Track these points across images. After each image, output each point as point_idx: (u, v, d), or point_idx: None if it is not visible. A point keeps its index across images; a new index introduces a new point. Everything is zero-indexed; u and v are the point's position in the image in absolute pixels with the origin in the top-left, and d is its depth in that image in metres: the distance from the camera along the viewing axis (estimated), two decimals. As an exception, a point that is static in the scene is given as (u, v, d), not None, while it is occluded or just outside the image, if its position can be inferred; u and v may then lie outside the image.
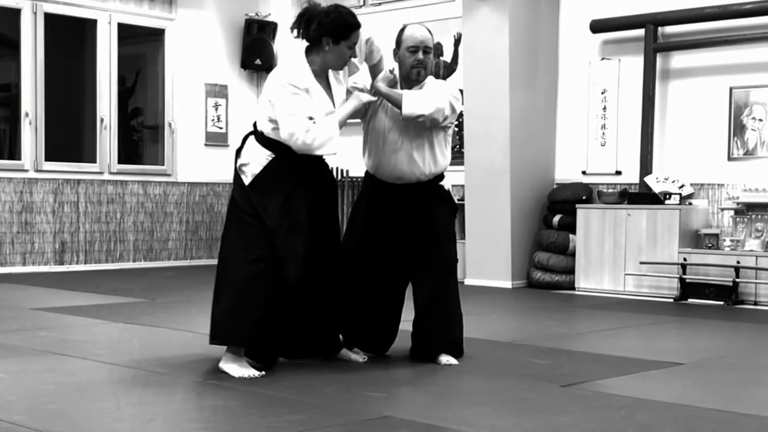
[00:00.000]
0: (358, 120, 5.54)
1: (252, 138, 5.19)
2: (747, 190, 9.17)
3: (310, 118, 5.00)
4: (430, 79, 5.61)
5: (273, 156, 5.09)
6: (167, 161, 12.41)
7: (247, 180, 5.11)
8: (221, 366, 5.10)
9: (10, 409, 4.22)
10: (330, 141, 5.04)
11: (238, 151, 5.24)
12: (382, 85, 5.47)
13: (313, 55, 5.17)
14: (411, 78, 5.52)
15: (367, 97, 5.28)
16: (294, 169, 5.10)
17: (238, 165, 5.21)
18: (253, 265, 5.03)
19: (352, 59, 5.36)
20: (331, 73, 5.26)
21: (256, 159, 5.11)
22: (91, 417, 4.17)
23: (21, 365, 5.31)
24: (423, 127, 5.48)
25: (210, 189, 12.72)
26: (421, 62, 5.51)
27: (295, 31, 5.19)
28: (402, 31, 5.61)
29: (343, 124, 5.16)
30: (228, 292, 5.11)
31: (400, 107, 5.36)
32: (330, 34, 5.11)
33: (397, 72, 5.56)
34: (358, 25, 5.21)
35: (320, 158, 5.25)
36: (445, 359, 5.50)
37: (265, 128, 5.12)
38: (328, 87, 5.22)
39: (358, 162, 5.78)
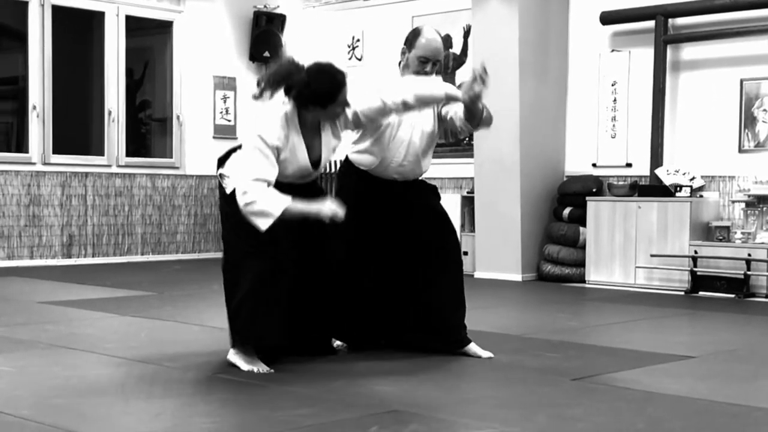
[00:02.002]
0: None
1: (240, 152, 5.07)
2: (758, 182, 9.15)
3: (267, 182, 4.79)
4: None
5: None
6: (175, 154, 12.40)
7: (228, 189, 5.02)
8: (230, 357, 5.07)
9: (18, 403, 4.20)
10: (262, 219, 4.74)
11: (221, 161, 5.15)
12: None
13: (303, 109, 4.98)
14: None
15: (330, 211, 4.83)
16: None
17: (219, 173, 5.13)
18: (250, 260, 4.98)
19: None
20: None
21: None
22: (98, 411, 4.15)
23: (28, 359, 5.30)
24: (435, 128, 5.56)
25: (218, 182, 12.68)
26: (427, 74, 5.48)
27: (264, 91, 4.91)
28: (417, 34, 5.49)
29: (288, 216, 4.78)
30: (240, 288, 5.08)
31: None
32: (315, 104, 4.92)
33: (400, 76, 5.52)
34: (342, 85, 4.93)
35: (313, 182, 5.13)
36: (479, 351, 5.50)
37: None
38: (317, 134, 5.08)
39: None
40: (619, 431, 3.89)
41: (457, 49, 11.31)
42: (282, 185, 4.89)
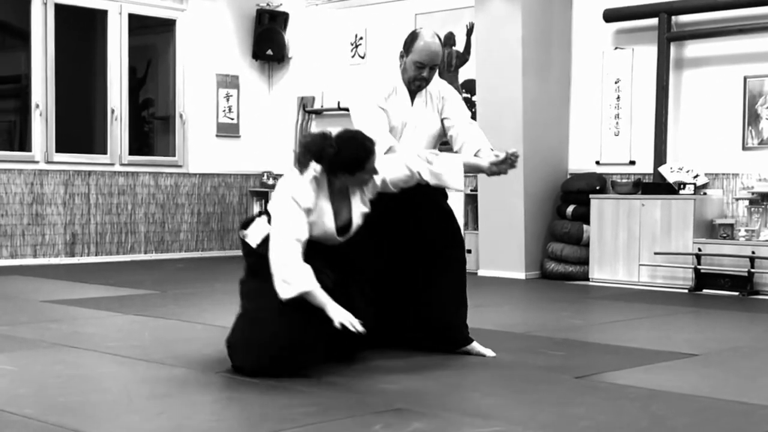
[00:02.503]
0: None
1: (264, 217, 5.05)
2: (761, 179, 9.13)
3: (300, 242, 4.78)
4: (443, 86, 5.66)
5: None
6: (178, 152, 12.39)
7: (254, 243, 4.99)
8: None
9: (21, 402, 4.20)
10: (285, 287, 4.70)
11: (245, 225, 5.13)
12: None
13: (331, 176, 4.97)
14: (411, 89, 5.50)
15: (348, 323, 4.70)
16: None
17: (242, 235, 5.10)
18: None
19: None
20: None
21: (260, 232, 4.98)
22: (101, 410, 4.15)
23: (31, 358, 5.30)
24: (439, 130, 5.59)
25: (221, 180, 12.71)
26: (425, 79, 5.47)
27: (303, 167, 4.93)
28: (414, 38, 5.46)
29: (308, 298, 4.73)
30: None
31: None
32: (344, 170, 4.92)
33: (400, 78, 5.51)
34: (371, 153, 4.94)
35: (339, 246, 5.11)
36: (482, 349, 5.51)
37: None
38: (345, 201, 5.06)
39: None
40: (623, 429, 3.88)
41: (460, 46, 11.30)
42: (309, 243, 4.88)
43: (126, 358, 5.32)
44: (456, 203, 10.42)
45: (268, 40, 12.82)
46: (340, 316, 4.71)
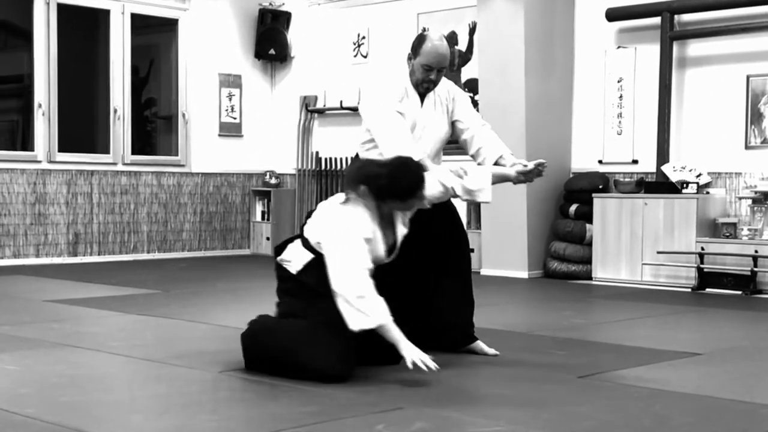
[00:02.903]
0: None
1: (298, 242, 5.00)
2: (764, 178, 9.12)
3: (368, 270, 4.76)
4: (451, 87, 5.68)
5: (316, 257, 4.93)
6: (181, 152, 12.39)
7: (294, 270, 4.95)
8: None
9: (23, 402, 4.20)
10: (358, 317, 4.64)
11: (279, 249, 5.09)
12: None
13: (380, 202, 4.92)
14: (419, 91, 5.50)
15: (420, 362, 4.68)
16: None
17: (278, 259, 5.07)
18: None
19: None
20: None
21: (300, 259, 4.94)
22: (104, 409, 4.15)
23: (34, 357, 5.30)
24: (446, 131, 5.62)
25: (224, 179, 12.71)
26: (433, 81, 5.47)
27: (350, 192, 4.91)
28: (422, 41, 5.45)
29: (380, 332, 4.71)
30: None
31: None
32: (395, 197, 4.88)
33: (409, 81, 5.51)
34: (423, 180, 4.90)
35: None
36: (486, 348, 5.51)
37: (313, 241, 4.96)
38: (390, 224, 5.04)
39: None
40: (626, 428, 3.88)
41: (462, 46, 11.29)
42: None
43: (128, 357, 5.32)
44: (459, 202, 10.41)
45: (270, 40, 12.81)
46: (413, 354, 4.68)
